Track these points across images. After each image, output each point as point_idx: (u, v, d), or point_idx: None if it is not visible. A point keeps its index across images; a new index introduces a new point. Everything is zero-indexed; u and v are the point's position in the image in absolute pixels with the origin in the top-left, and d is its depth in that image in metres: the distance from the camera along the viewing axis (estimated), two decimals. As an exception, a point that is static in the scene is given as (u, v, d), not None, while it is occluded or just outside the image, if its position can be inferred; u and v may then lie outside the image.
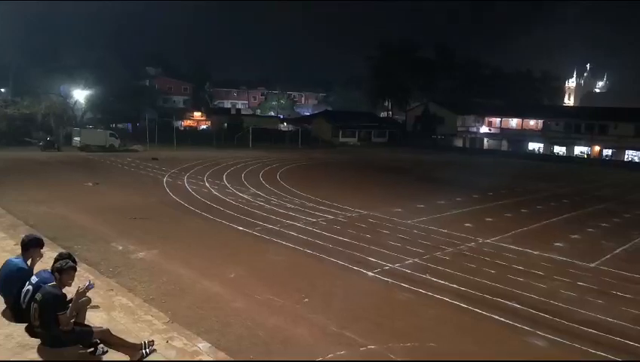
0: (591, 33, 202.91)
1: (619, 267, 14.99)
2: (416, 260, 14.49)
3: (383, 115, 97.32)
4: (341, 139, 72.29)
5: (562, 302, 11.72)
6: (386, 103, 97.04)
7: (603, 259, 15.88)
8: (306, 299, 10.99)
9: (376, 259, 14.28)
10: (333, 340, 9.04)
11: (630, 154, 64.30)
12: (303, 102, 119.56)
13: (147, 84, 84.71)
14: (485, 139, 78.87)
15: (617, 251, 17.04)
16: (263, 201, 22.99)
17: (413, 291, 11.95)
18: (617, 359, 8.89)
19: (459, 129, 78.96)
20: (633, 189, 35.80)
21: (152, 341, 7.23)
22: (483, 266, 14.25)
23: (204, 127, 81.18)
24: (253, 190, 26.13)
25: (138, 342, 7.09)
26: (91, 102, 59.08)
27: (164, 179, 28.67)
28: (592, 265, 15.15)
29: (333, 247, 15.39)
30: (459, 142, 78.59)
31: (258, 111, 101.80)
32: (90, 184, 25.87)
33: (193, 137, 59.71)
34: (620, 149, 65.10)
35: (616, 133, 65.65)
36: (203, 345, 7.78)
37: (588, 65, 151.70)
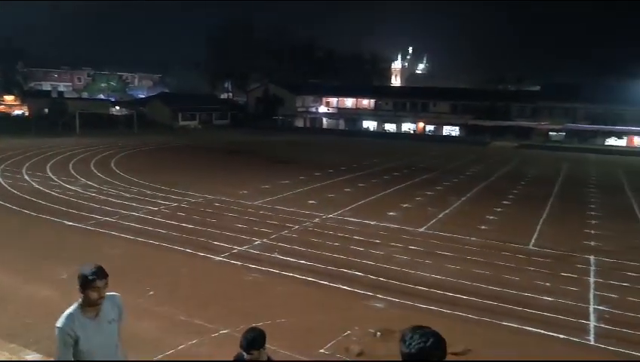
0: (412, 19, 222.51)
1: (442, 229, 16.87)
2: (264, 240, 14.61)
3: (224, 96, 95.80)
4: (181, 123, 69.48)
5: (397, 265, 12.82)
6: (226, 85, 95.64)
7: (429, 223, 17.72)
8: (151, 292, 10.41)
9: (223, 243, 14.07)
10: (183, 330, 8.73)
11: (447, 130, 72.56)
12: (136, 83, 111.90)
13: None
14: (324, 119, 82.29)
15: (440, 216, 19.14)
16: (95, 192, 21.11)
17: (262, 271, 12.04)
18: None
19: (299, 109, 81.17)
20: (451, 160, 40.49)
21: (-37, 362, 6.18)
22: (327, 240, 14.92)
23: (18, 112, 71.59)
24: (83, 180, 23.84)
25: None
26: None
27: (-28, 174, 24.69)
28: (421, 229, 16.81)
29: (177, 235, 14.79)
30: (300, 123, 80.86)
31: (85, 94, 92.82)
32: None
33: (5, 125, 52.36)
34: (439, 125, 73.05)
35: (436, 110, 73.56)
36: (32, 357, 6.90)
37: (410, 49, 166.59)
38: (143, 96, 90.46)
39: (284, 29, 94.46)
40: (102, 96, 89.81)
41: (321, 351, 8.27)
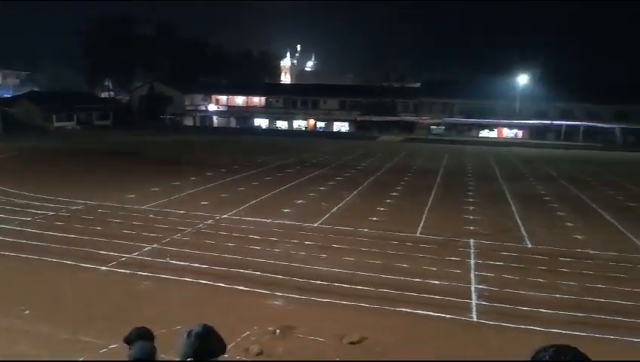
0: (299, 17, 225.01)
1: (336, 223, 17.28)
2: (154, 246, 13.94)
3: (105, 95, 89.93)
4: (56, 124, 64.06)
5: (294, 261, 12.91)
6: (107, 83, 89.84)
7: (323, 218, 18.07)
8: (27, 311, 9.46)
9: (109, 252, 13.19)
10: (66, 348, 8.06)
11: (338, 126, 74.60)
12: (0, 81, 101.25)
13: None
14: (215, 117, 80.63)
15: (334, 210, 19.60)
16: (-44, 204, 18.73)
17: (154, 278, 11.48)
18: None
19: (188, 108, 78.66)
20: (342, 156, 41.68)
21: None
22: (222, 241, 14.61)
23: None
24: (-60, 191, 21.06)
25: None
26: None
27: None
28: (316, 224, 17.09)
29: (56, 246, 13.59)
30: (189, 122, 78.43)
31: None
32: None
33: None
34: (329, 121, 74.90)
35: (326, 107, 75.34)
36: None
37: (298, 46, 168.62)
38: (9, 96, 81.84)
39: (168, 26, 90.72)
40: (-41, 97, 79.93)
41: (220, 355, 8.06)
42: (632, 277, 12.44)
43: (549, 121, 64.80)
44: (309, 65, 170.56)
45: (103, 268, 12.09)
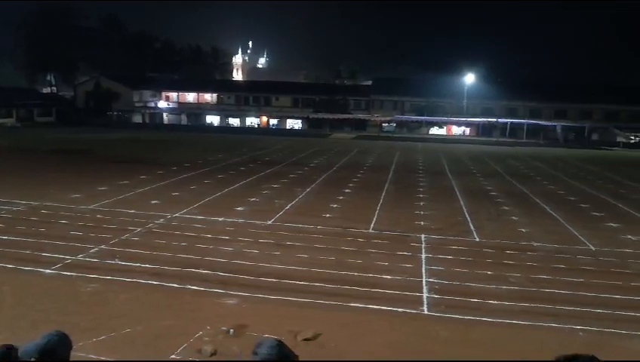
0: (251, 13, 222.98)
1: (290, 221, 17.26)
2: (102, 247, 13.47)
3: (47, 90, 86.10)
4: (-6, 121, 60.97)
5: (247, 260, 12.80)
6: (49, 77, 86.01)
7: (277, 215, 18.00)
8: (-37, 318, 8.94)
9: (53, 254, 12.64)
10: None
11: (290, 123, 74.53)
12: None
13: None
14: (165, 114, 78.82)
15: (287, 207, 19.57)
16: None
17: (101, 280, 11.09)
18: None
19: (136, 104, 76.54)
20: (295, 153, 41.68)
21: None
22: (173, 240, 14.30)
23: None
24: None
25: None
26: None
27: None
28: (269, 222, 17.00)
29: (-5, 249, 12.90)
30: (138, 119, 76.35)
31: None
32: None
33: None
34: (282, 119, 74.73)
35: (278, 104, 75.16)
36: None
37: (250, 43, 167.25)
38: (-58, 91, 77.02)
39: (113, 18, 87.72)
40: None
41: (173, 356, 7.91)
42: (573, 268, 13.09)
43: (494, 119, 67.14)
44: (261, 62, 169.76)
45: (47, 271, 11.58)
